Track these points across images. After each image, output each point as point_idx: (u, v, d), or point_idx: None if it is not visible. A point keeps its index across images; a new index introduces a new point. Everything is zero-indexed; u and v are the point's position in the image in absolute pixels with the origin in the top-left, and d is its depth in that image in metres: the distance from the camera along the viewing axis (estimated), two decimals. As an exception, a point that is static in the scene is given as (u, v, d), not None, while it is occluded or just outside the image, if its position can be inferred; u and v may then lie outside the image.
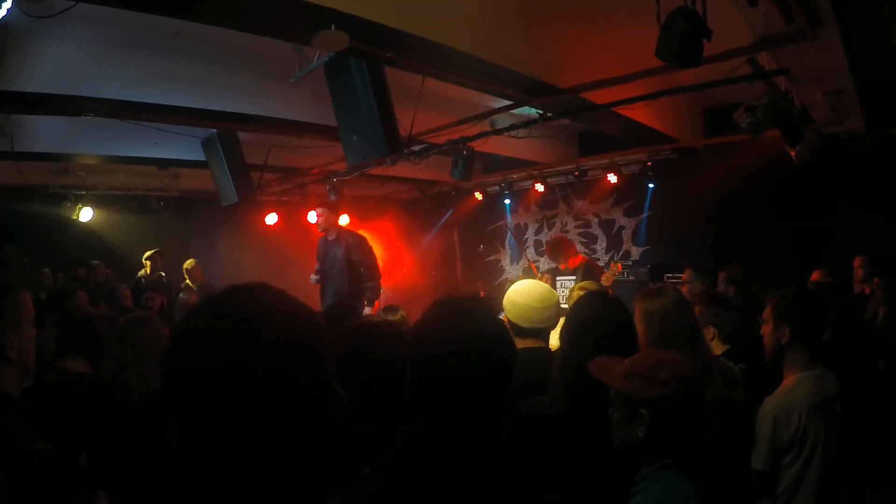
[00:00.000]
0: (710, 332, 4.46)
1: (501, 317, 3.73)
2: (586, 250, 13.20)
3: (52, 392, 3.50)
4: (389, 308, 6.65)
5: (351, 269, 9.49)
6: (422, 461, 1.97)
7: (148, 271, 11.61)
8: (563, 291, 8.92)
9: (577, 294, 4.81)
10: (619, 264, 10.51)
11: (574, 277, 9.04)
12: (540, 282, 4.22)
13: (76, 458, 3.06)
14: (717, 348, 4.41)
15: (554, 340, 4.09)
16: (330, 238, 9.69)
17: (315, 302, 9.56)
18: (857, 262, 8.03)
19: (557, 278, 9.41)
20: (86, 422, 3.23)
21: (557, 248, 9.67)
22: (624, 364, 2.56)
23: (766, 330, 3.87)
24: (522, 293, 3.93)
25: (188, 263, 11.88)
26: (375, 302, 9.61)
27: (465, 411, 1.98)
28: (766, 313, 3.90)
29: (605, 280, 8.81)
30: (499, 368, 2.06)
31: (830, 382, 3.71)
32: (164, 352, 1.25)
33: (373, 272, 9.61)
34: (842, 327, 5.16)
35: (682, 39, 4.47)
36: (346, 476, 1.95)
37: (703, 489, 2.39)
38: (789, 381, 3.73)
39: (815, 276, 7.19)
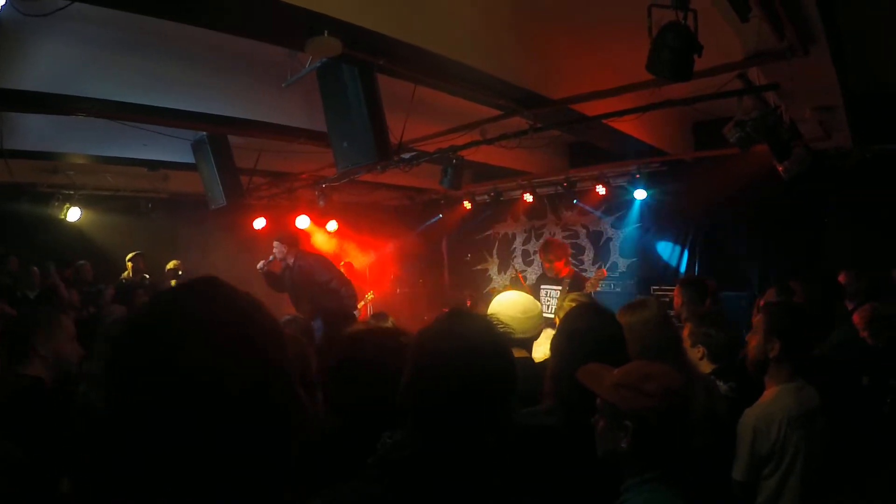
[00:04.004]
0: (699, 351, 4.46)
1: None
2: (574, 261, 13.21)
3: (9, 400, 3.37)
4: (379, 315, 6.67)
5: (321, 289, 9.52)
6: (405, 471, 1.96)
7: (130, 273, 11.59)
8: (547, 301, 8.91)
9: (568, 305, 4.83)
10: (605, 270, 10.52)
11: (559, 287, 9.03)
12: (523, 293, 4.25)
13: (50, 466, 3.03)
14: (706, 367, 4.42)
15: (538, 352, 4.12)
16: (289, 263, 9.74)
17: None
18: (840, 278, 8.06)
19: (542, 286, 9.40)
20: (47, 429, 3.15)
21: (549, 249, 9.65)
22: (613, 374, 2.57)
23: (754, 341, 3.90)
24: (505, 304, 4.01)
25: (171, 264, 11.88)
26: (358, 306, 9.68)
27: (459, 426, 1.97)
28: (757, 322, 3.93)
29: (591, 286, 8.81)
30: (499, 387, 2.05)
31: (811, 395, 3.74)
32: (106, 360, 1.20)
33: (341, 281, 9.70)
34: (826, 342, 5.19)
35: (674, 54, 4.48)
36: (331, 484, 1.95)
37: (686, 501, 2.39)
38: (770, 392, 3.76)
39: (769, 295, 7.12)
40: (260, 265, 9.78)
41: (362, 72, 6.10)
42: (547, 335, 3.63)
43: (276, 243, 9.82)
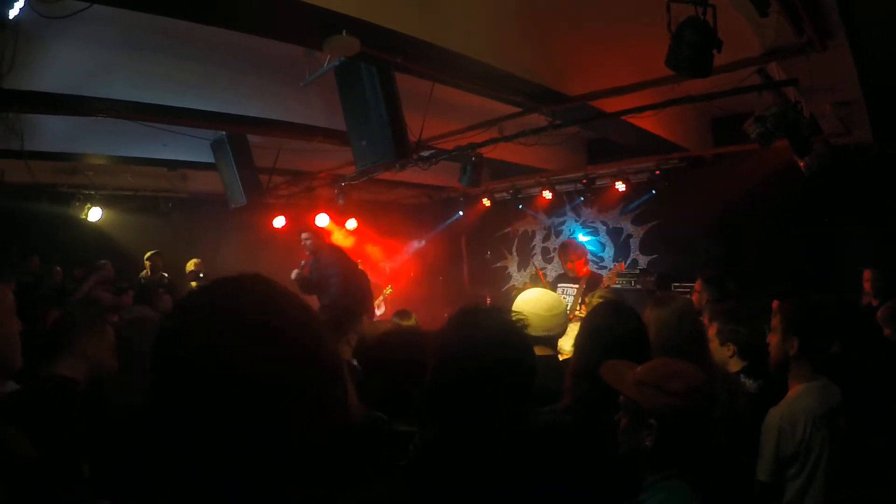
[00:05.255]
0: (729, 349, 4.43)
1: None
2: (594, 258, 13.17)
3: (41, 399, 3.35)
4: (402, 313, 6.65)
5: (346, 284, 9.48)
6: (434, 468, 1.96)
7: (149, 272, 11.63)
8: (564, 299, 8.90)
9: (595, 303, 4.82)
10: (623, 263, 10.48)
11: (577, 286, 9.02)
12: (548, 290, 4.24)
13: (74, 468, 3.03)
14: (736, 365, 4.39)
15: (567, 345, 4.11)
16: (317, 256, 9.83)
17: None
18: (865, 275, 8.01)
19: (559, 285, 9.39)
20: (76, 431, 3.14)
21: (567, 249, 9.64)
22: (636, 371, 2.55)
23: (773, 340, 3.87)
24: (530, 302, 3.97)
25: (191, 264, 11.91)
26: (374, 306, 9.65)
27: (481, 419, 1.97)
28: (775, 323, 3.90)
29: (608, 280, 8.80)
30: (517, 379, 2.06)
31: (834, 393, 3.71)
32: (151, 349, 1.20)
33: (363, 281, 9.69)
34: (851, 340, 5.14)
35: (693, 49, 4.47)
36: (364, 478, 1.95)
37: (706, 499, 2.38)
38: (793, 391, 3.73)
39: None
40: (294, 274, 9.82)
41: (380, 70, 6.11)
42: (574, 328, 3.63)
43: (305, 234, 9.89)
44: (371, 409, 2.89)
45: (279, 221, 13.29)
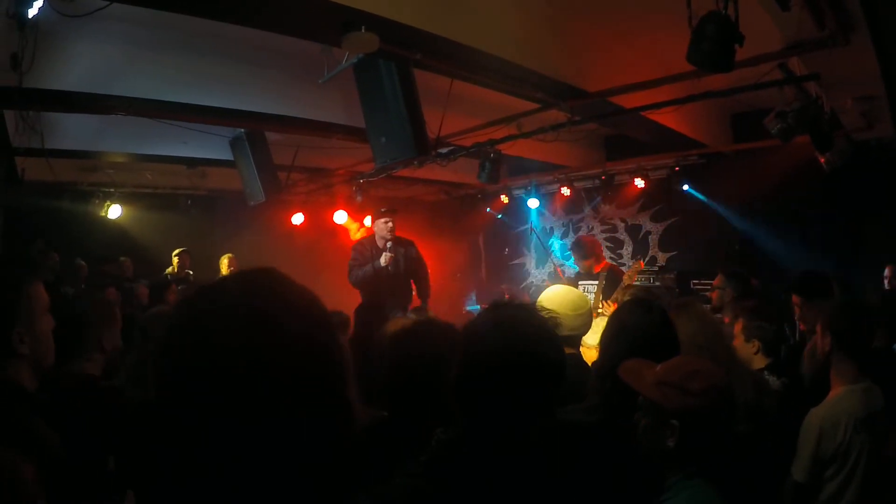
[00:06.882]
0: (754, 346, 4.42)
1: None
2: (612, 255, 13.13)
3: (60, 397, 3.33)
4: (418, 310, 6.62)
5: (408, 276, 9.19)
6: (455, 466, 1.96)
7: (175, 269, 11.70)
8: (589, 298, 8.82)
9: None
10: (642, 261, 10.43)
11: (596, 282, 8.94)
12: (573, 288, 4.21)
13: (100, 462, 3.05)
14: (760, 362, 4.38)
15: (592, 339, 4.08)
16: (393, 244, 9.07)
17: (341, 303, 9.46)
18: (886, 271, 7.95)
19: (580, 283, 9.31)
20: (99, 427, 3.13)
21: (582, 248, 9.49)
22: (656, 370, 2.52)
23: (816, 339, 3.86)
24: (555, 300, 3.93)
25: (225, 258, 11.96)
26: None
27: (508, 416, 1.97)
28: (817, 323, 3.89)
29: (628, 278, 8.71)
30: (548, 376, 2.05)
31: (878, 396, 3.66)
32: (156, 344, 1.18)
33: (427, 272, 9.45)
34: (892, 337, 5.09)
35: (714, 44, 4.44)
36: (380, 478, 1.94)
37: (729, 497, 2.37)
38: (835, 392, 3.68)
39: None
40: (386, 261, 8.82)
41: (399, 67, 6.10)
42: (600, 323, 3.61)
43: (387, 221, 8.96)
44: (373, 407, 2.89)
45: (298, 218, 13.36)
